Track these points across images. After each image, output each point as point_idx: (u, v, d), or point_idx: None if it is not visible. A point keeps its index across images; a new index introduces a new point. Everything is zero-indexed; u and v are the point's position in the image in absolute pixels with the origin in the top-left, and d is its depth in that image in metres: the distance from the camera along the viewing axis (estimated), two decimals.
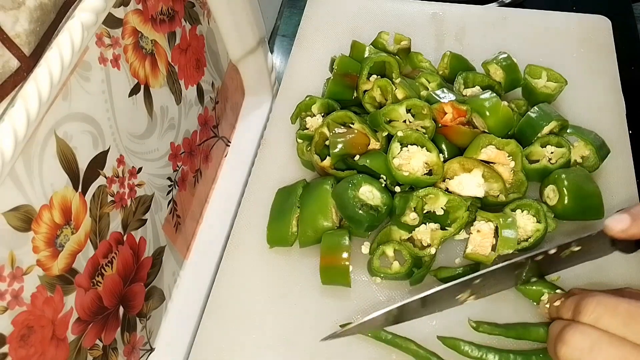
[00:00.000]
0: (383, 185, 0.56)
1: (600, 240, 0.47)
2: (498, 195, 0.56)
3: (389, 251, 0.55)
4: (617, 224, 0.45)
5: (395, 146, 0.56)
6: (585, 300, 0.42)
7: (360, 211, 0.53)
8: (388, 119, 0.59)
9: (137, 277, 0.57)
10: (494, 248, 0.53)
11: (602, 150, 0.58)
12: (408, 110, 0.59)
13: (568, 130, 0.59)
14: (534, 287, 0.51)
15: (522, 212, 0.54)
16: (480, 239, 0.53)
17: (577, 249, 0.48)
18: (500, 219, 0.53)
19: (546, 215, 0.54)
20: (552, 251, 0.47)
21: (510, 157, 0.56)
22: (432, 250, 0.53)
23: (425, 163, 0.56)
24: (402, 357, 0.51)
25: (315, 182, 0.59)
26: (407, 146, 0.56)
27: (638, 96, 0.77)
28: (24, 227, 0.41)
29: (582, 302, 0.42)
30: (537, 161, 0.58)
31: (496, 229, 0.53)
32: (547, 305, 0.50)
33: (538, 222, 0.54)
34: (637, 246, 0.47)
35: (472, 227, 0.54)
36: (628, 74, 0.78)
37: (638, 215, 0.45)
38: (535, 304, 0.52)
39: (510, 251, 0.52)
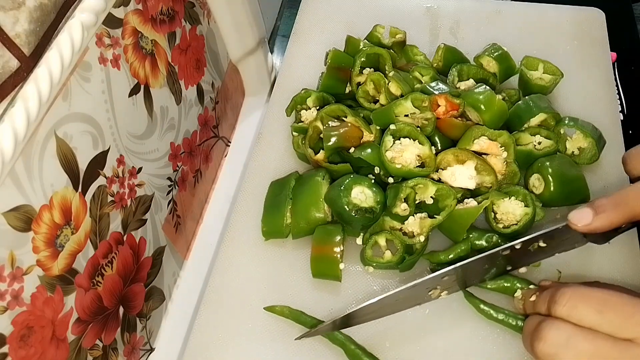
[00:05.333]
0: (372, 181, 0.56)
1: (568, 234, 0.48)
2: (490, 187, 0.56)
3: (381, 241, 0.55)
4: (580, 219, 0.46)
5: (388, 139, 0.56)
6: (561, 291, 0.43)
7: (356, 216, 0.54)
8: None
9: (137, 277, 0.57)
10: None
11: (601, 142, 0.59)
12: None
13: (566, 121, 0.59)
14: (508, 284, 0.52)
15: (509, 198, 0.55)
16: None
17: (543, 245, 0.49)
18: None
19: (534, 202, 0.55)
20: (518, 246, 0.49)
21: (503, 148, 0.56)
22: (422, 239, 0.54)
23: (418, 156, 0.56)
24: None
25: (308, 174, 0.60)
26: (399, 139, 0.57)
27: (638, 96, 0.78)
28: (24, 227, 0.41)
29: (557, 292, 0.43)
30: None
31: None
32: (522, 301, 0.50)
33: (526, 206, 0.55)
34: (607, 238, 0.47)
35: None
36: (628, 74, 0.78)
37: (600, 208, 0.46)
38: (513, 297, 0.53)
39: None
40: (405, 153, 0.56)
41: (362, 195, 0.55)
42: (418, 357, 0.51)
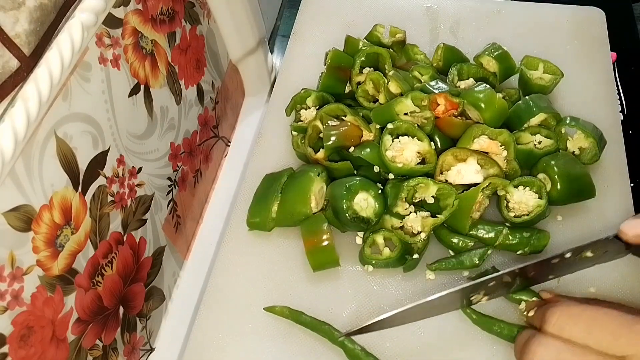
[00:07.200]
0: (380, 191, 0.56)
1: (614, 245, 0.47)
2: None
3: (379, 239, 0.55)
4: (632, 229, 0.46)
5: (387, 138, 0.56)
6: (550, 310, 0.43)
7: (351, 221, 0.54)
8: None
9: (137, 277, 0.57)
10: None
11: (602, 142, 0.59)
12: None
13: (567, 121, 0.59)
14: (515, 296, 0.52)
15: (524, 188, 0.55)
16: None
17: (590, 254, 0.48)
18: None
19: (547, 194, 0.55)
20: (568, 255, 0.48)
21: (503, 147, 0.56)
22: (423, 236, 0.54)
23: (418, 152, 0.56)
24: None
25: (301, 169, 0.60)
26: (397, 137, 0.57)
27: (638, 96, 0.78)
28: (24, 227, 0.41)
29: (547, 311, 0.44)
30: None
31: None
32: (526, 313, 0.50)
33: (539, 198, 0.55)
34: None
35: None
36: (628, 74, 0.78)
37: None
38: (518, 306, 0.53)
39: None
40: (405, 151, 0.56)
41: (364, 202, 0.55)
42: (418, 358, 0.51)
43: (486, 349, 0.51)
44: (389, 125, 0.57)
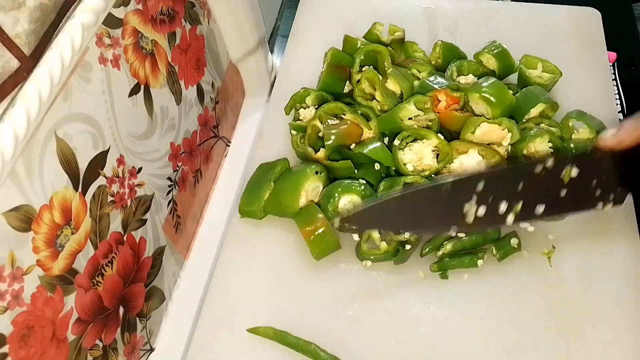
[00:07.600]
0: (364, 186, 0.56)
1: (598, 166, 0.47)
2: None
3: (375, 234, 0.56)
4: (608, 135, 0.46)
5: (401, 153, 0.57)
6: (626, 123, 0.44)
7: (341, 228, 0.54)
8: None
9: (137, 277, 0.57)
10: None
11: None
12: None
13: (574, 115, 0.60)
14: (467, 259, 0.53)
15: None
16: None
17: (575, 172, 0.47)
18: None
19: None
20: (549, 164, 0.47)
21: (506, 130, 0.57)
22: None
23: (432, 150, 0.57)
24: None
25: (301, 165, 0.61)
26: (407, 143, 0.57)
27: (638, 96, 0.78)
28: (24, 227, 0.41)
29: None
30: None
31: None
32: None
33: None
34: (623, 196, 0.48)
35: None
36: (628, 74, 0.78)
37: (624, 125, 0.46)
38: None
39: None
40: (424, 159, 0.57)
41: (349, 204, 0.55)
42: (423, 356, 0.51)
43: (493, 341, 0.51)
44: (396, 142, 0.57)
